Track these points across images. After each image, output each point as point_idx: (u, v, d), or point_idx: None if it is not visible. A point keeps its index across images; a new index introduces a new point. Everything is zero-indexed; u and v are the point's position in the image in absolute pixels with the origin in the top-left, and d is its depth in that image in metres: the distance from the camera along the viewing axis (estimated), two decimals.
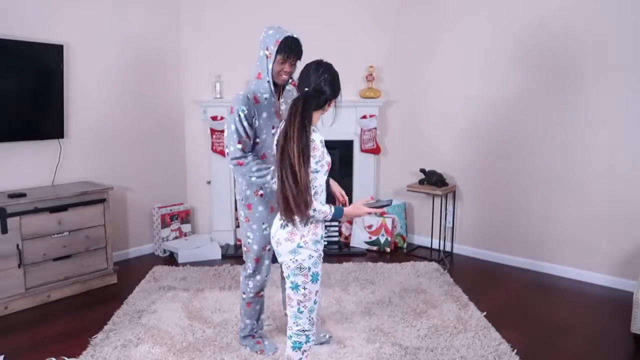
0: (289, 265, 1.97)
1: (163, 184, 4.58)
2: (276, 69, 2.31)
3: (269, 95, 2.37)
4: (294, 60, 2.33)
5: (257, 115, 2.35)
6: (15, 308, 3.25)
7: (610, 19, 3.51)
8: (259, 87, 2.36)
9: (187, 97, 4.63)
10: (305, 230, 1.95)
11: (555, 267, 3.95)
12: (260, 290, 2.66)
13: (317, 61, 2.00)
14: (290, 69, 2.34)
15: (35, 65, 3.50)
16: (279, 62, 2.30)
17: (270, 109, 2.38)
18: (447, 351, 2.71)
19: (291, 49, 2.27)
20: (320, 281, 2.01)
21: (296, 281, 1.96)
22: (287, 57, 2.28)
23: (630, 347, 2.81)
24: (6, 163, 3.51)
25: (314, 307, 2.01)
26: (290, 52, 2.27)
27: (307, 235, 1.95)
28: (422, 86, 4.58)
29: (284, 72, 2.33)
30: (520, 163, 4.06)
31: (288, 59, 2.29)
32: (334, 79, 1.97)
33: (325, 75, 1.93)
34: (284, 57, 2.27)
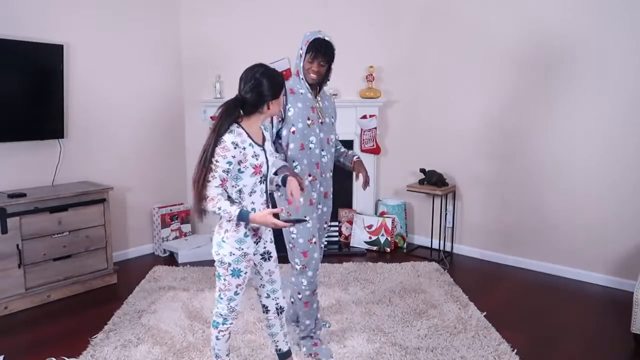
0: (214, 256, 2.12)
1: (163, 184, 4.58)
2: (305, 67, 2.46)
3: (304, 91, 2.51)
4: (322, 61, 2.43)
5: (291, 104, 2.48)
6: (15, 308, 3.25)
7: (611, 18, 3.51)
8: (296, 83, 2.53)
9: (187, 97, 4.64)
10: (229, 226, 2.06)
11: (555, 267, 3.95)
12: (315, 287, 2.61)
13: (250, 67, 2.06)
14: (318, 69, 2.44)
15: (35, 65, 3.49)
16: (308, 61, 2.44)
17: (306, 102, 2.50)
18: (447, 351, 2.71)
19: (317, 50, 2.41)
20: (243, 277, 2.10)
21: (219, 271, 2.12)
22: (314, 57, 2.41)
23: (630, 347, 2.81)
24: (6, 163, 3.51)
25: (234, 297, 2.14)
26: (317, 53, 2.41)
27: (229, 232, 2.06)
28: (422, 86, 4.58)
29: (311, 71, 2.45)
30: (520, 163, 4.06)
31: (315, 59, 2.42)
32: (258, 84, 2.00)
33: (250, 82, 2.02)
34: (312, 56, 2.42)
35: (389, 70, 4.72)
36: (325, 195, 2.65)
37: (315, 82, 2.50)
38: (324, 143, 2.57)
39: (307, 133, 2.50)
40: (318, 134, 2.53)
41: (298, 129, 2.48)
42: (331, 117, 2.63)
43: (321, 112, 2.56)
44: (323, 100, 2.60)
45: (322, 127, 2.56)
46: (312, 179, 2.54)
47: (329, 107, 2.63)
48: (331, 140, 2.61)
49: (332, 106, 2.68)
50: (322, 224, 2.70)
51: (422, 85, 4.59)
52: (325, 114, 2.58)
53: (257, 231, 2.11)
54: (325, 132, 2.57)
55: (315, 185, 2.56)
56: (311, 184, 2.54)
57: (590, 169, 3.72)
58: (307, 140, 2.50)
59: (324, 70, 2.48)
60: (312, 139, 2.51)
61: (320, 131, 2.55)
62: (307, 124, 2.49)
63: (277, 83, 2.04)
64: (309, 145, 2.51)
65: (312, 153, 2.52)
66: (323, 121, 2.55)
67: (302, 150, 2.50)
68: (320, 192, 2.60)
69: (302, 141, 2.50)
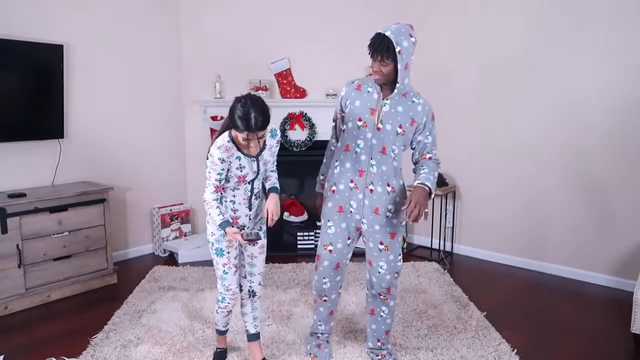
0: None
1: (163, 184, 4.58)
2: (371, 66, 2.23)
3: (372, 89, 2.28)
4: (381, 59, 2.14)
5: (350, 101, 2.31)
6: (15, 308, 3.25)
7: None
8: (368, 81, 2.32)
9: (187, 97, 4.64)
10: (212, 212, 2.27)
11: (555, 267, 3.95)
12: (322, 292, 2.46)
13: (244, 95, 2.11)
14: (378, 68, 2.17)
15: (35, 65, 3.49)
16: (371, 62, 2.20)
17: (366, 103, 2.27)
18: (447, 351, 2.71)
19: (371, 46, 2.16)
20: (227, 256, 2.31)
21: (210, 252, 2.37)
22: (371, 55, 2.18)
23: (630, 347, 2.81)
24: (6, 163, 3.51)
25: (224, 276, 2.34)
26: (373, 51, 2.16)
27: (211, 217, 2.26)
28: (422, 86, 4.57)
29: (373, 71, 2.21)
30: (520, 163, 4.06)
31: (373, 58, 2.17)
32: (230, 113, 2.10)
33: None
34: (370, 55, 2.18)
35: None
36: (376, 212, 2.30)
37: (381, 82, 2.23)
38: (374, 151, 2.27)
39: (356, 135, 2.28)
40: (369, 139, 2.26)
41: (348, 128, 2.31)
42: (397, 126, 2.25)
43: (381, 117, 2.24)
44: (395, 104, 2.25)
45: (377, 133, 2.25)
46: (353, 187, 2.31)
47: (399, 114, 2.25)
48: (389, 151, 2.27)
49: (408, 114, 2.26)
50: (376, 243, 2.34)
51: (422, 85, 4.57)
52: (389, 120, 2.24)
53: (235, 219, 2.31)
54: (381, 140, 2.25)
55: (355, 194, 2.31)
56: (351, 190, 2.32)
57: (590, 169, 3.72)
58: (353, 143, 2.29)
59: (388, 70, 2.17)
60: (359, 143, 2.28)
61: (374, 137, 2.25)
62: (357, 125, 2.27)
63: (232, 117, 2.07)
64: (355, 149, 2.29)
65: (357, 158, 2.30)
66: (380, 127, 2.25)
67: (346, 152, 2.32)
68: (363, 205, 2.31)
69: (348, 142, 2.31)
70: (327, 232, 2.38)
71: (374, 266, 2.38)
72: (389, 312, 2.49)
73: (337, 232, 2.36)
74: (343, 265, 2.42)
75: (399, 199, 2.34)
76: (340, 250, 2.38)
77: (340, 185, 2.34)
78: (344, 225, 2.36)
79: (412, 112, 2.27)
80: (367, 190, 2.30)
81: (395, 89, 2.22)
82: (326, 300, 2.50)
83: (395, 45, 2.10)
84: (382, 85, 2.26)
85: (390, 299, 2.46)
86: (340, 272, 2.44)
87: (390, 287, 2.40)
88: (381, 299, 2.45)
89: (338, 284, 2.47)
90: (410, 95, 2.29)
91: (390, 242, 2.34)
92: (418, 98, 2.31)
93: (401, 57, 2.13)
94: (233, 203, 2.29)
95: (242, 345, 2.76)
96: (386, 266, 2.36)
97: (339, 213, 2.35)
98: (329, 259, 2.39)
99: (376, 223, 2.32)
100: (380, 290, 2.41)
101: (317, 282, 2.45)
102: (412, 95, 2.30)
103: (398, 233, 2.37)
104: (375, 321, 2.52)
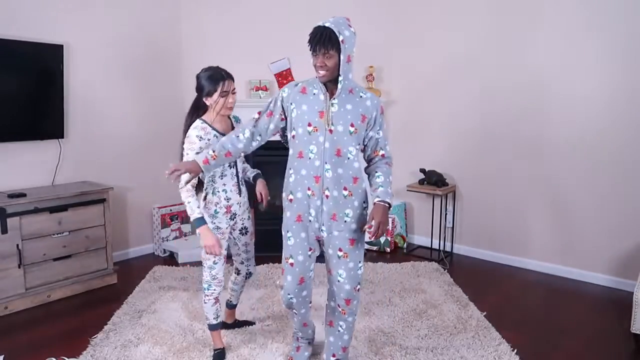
0: None
1: (163, 184, 4.54)
2: (313, 63, 2.10)
3: (317, 91, 2.16)
4: (324, 50, 2.03)
5: (296, 106, 2.18)
6: (15, 308, 3.25)
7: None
8: (312, 82, 2.20)
9: (187, 97, 4.62)
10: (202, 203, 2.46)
11: (555, 267, 3.95)
12: (290, 305, 2.32)
13: None
14: (322, 62, 2.05)
15: (35, 65, 3.49)
16: (313, 57, 2.09)
17: (314, 106, 2.15)
18: (447, 351, 2.71)
19: (312, 41, 2.06)
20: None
21: None
22: (313, 49, 2.06)
23: (630, 347, 2.81)
24: (6, 163, 3.51)
25: (214, 266, 2.49)
26: (312, 44, 2.06)
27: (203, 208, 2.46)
28: (422, 86, 4.58)
29: (317, 67, 2.08)
30: (520, 163, 4.06)
31: (316, 52, 2.05)
32: (197, 84, 2.47)
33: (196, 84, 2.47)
34: (311, 49, 2.08)
35: (389, 70, 4.72)
36: (333, 218, 2.19)
37: (326, 79, 2.10)
38: (328, 154, 2.14)
39: (308, 140, 2.15)
40: (322, 143, 2.13)
41: (297, 135, 2.18)
42: (349, 125, 2.14)
43: (331, 118, 2.13)
44: (343, 103, 2.14)
45: (330, 135, 2.13)
46: (310, 194, 2.18)
47: (349, 113, 2.14)
48: (345, 153, 2.15)
49: (358, 111, 2.16)
50: (335, 250, 2.22)
51: (422, 85, 4.59)
52: (340, 121, 2.13)
53: (229, 208, 2.48)
54: (334, 142, 2.13)
55: (314, 202, 2.18)
56: (309, 198, 2.19)
57: (590, 169, 3.72)
58: (306, 149, 2.16)
59: (333, 63, 2.05)
60: (312, 148, 2.15)
61: (326, 140, 2.13)
62: (307, 131, 2.15)
63: (200, 81, 2.42)
64: (309, 155, 2.15)
65: (311, 164, 2.16)
66: (332, 129, 2.13)
67: (299, 159, 2.19)
68: (321, 211, 2.19)
69: (300, 148, 2.18)
70: (287, 243, 2.26)
71: (334, 274, 2.26)
72: (347, 327, 2.36)
73: (297, 243, 2.24)
74: (307, 278, 2.29)
75: (358, 202, 2.22)
76: (302, 262, 2.24)
77: (298, 193, 2.21)
78: (304, 235, 2.24)
79: (361, 108, 2.17)
80: (324, 196, 2.17)
81: (340, 85, 2.10)
82: (296, 313, 2.37)
83: (338, 34, 2.02)
84: (327, 85, 2.15)
85: (349, 315, 2.31)
86: (305, 287, 2.30)
87: (349, 299, 2.25)
88: (339, 312, 2.31)
89: (305, 299, 2.33)
90: (357, 91, 2.19)
91: (350, 248, 2.22)
92: (365, 92, 2.21)
93: (344, 47, 2.04)
94: (225, 192, 2.46)
95: (242, 345, 2.76)
96: (345, 274, 2.22)
97: (297, 222, 2.22)
98: (292, 273, 2.26)
99: (334, 229, 2.21)
100: (340, 301, 2.27)
101: (283, 296, 2.32)
102: (359, 90, 2.20)
103: (358, 240, 2.25)
104: (332, 334, 2.41)
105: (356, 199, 2.22)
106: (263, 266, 4.02)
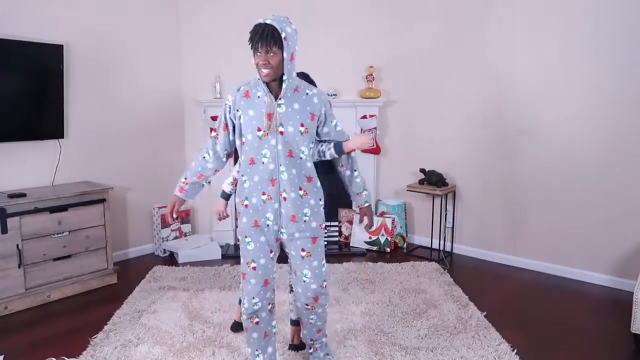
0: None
1: (163, 184, 4.58)
2: (255, 62, 2.03)
3: (262, 94, 2.10)
4: (267, 50, 1.97)
5: (242, 112, 2.12)
6: (15, 308, 3.25)
7: None
8: (255, 85, 2.13)
9: (187, 97, 4.64)
10: None
11: (555, 267, 3.95)
12: (252, 314, 2.26)
13: None
14: (265, 61, 1.98)
15: (35, 65, 3.49)
16: (255, 55, 2.01)
17: (260, 109, 2.09)
18: (447, 351, 2.71)
19: (253, 38, 1.99)
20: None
21: None
22: (256, 47, 1.99)
23: (630, 347, 2.81)
24: (6, 163, 3.51)
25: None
26: (254, 41, 1.98)
27: None
28: (422, 86, 4.58)
29: (260, 65, 2.00)
30: (520, 163, 4.06)
31: (258, 49, 1.98)
32: None
33: None
34: (253, 47, 2.00)
35: (388, 70, 4.72)
36: (292, 219, 2.16)
37: (270, 78, 2.02)
38: (281, 156, 2.10)
39: (259, 145, 2.10)
40: (274, 145, 2.09)
41: (247, 141, 2.12)
42: (299, 125, 2.11)
43: (280, 120, 2.09)
44: (290, 102, 2.10)
45: (281, 137, 2.09)
46: (266, 198, 2.14)
47: (297, 112, 2.11)
48: (297, 153, 2.13)
49: (306, 109, 2.13)
50: (298, 251, 2.21)
51: (422, 86, 4.59)
52: (289, 121, 2.09)
53: None
54: (286, 144, 2.10)
55: (271, 205, 2.15)
56: (265, 203, 2.15)
57: (590, 169, 3.72)
58: (258, 154, 2.11)
59: (277, 61, 1.99)
60: (264, 152, 2.10)
61: (278, 143, 2.09)
62: (257, 136, 2.09)
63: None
64: (261, 160, 2.11)
65: (265, 168, 2.12)
66: (282, 131, 2.09)
67: (252, 165, 2.13)
68: (280, 214, 2.17)
69: (252, 154, 2.12)
70: (247, 248, 2.21)
71: (298, 275, 2.25)
72: (318, 318, 2.37)
73: (257, 247, 2.20)
74: (271, 280, 2.26)
75: (314, 201, 2.21)
76: (265, 265, 2.21)
77: (253, 199, 2.16)
78: (263, 239, 2.20)
79: (309, 106, 2.14)
80: (282, 199, 2.15)
81: (284, 84, 2.05)
82: (258, 322, 2.28)
83: (280, 31, 1.98)
84: (271, 85, 2.09)
85: (318, 307, 2.31)
86: (269, 288, 2.26)
87: (317, 296, 2.26)
88: (308, 309, 2.31)
89: (268, 300, 2.28)
90: (302, 89, 2.15)
91: (312, 247, 2.22)
92: (311, 89, 2.18)
93: (287, 44, 1.99)
94: None
95: (242, 345, 2.76)
96: (310, 274, 2.22)
97: (255, 228, 2.18)
98: (255, 276, 2.21)
99: (295, 230, 2.18)
100: (307, 300, 2.26)
101: (247, 302, 2.24)
102: (304, 87, 2.17)
103: (319, 237, 2.24)
104: (305, 327, 2.43)
105: (312, 198, 2.20)
106: None
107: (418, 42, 4.56)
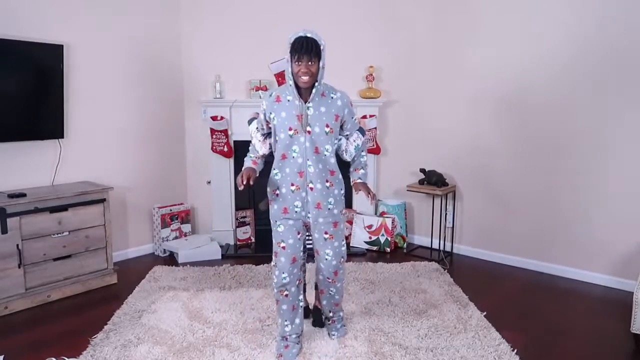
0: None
1: (163, 184, 4.58)
2: (294, 70, 2.35)
3: (292, 98, 2.43)
4: (309, 60, 2.31)
5: (275, 114, 2.47)
6: (15, 308, 3.25)
7: None
8: (285, 89, 2.48)
9: (187, 97, 4.64)
10: None
11: (555, 267, 3.95)
12: (282, 287, 2.59)
13: None
14: (307, 69, 2.31)
15: (35, 65, 3.49)
16: (296, 64, 2.33)
17: (291, 111, 2.43)
18: (447, 351, 2.71)
19: (298, 50, 2.29)
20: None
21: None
22: (299, 57, 2.30)
23: (630, 347, 2.81)
24: (6, 163, 3.51)
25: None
26: (299, 53, 2.29)
27: None
28: (422, 86, 4.59)
29: (301, 73, 2.33)
30: (520, 163, 4.06)
31: (300, 60, 2.31)
32: None
33: None
34: (296, 57, 2.31)
35: (389, 70, 4.72)
36: (318, 207, 2.54)
37: (309, 84, 2.36)
38: (309, 152, 2.47)
39: (290, 143, 2.47)
40: (303, 142, 2.46)
41: (280, 139, 2.49)
42: (324, 126, 2.46)
43: (308, 121, 2.43)
44: (318, 106, 2.45)
45: (309, 136, 2.45)
46: (295, 189, 2.52)
47: (324, 115, 2.46)
48: (322, 151, 2.49)
49: (332, 112, 2.48)
50: (321, 234, 2.59)
51: (422, 85, 4.59)
52: (316, 123, 2.44)
53: None
54: (313, 142, 2.46)
55: (299, 194, 2.53)
56: (294, 192, 2.52)
57: (589, 168, 3.72)
58: (289, 150, 2.48)
59: (315, 70, 2.35)
60: (295, 148, 2.47)
61: (306, 140, 2.46)
62: (289, 135, 2.45)
63: None
64: (292, 155, 2.48)
65: (294, 162, 2.49)
66: (310, 130, 2.44)
67: (283, 160, 2.51)
68: (307, 202, 2.54)
69: (283, 151, 2.49)
70: (277, 230, 2.59)
71: (321, 254, 2.62)
72: (337, 291, 2.75)
73: (287, 229, 2.57)
74: (299, 258, 2.62)
75: (337, 191, 2.59)
76: (293, 245, 2.58)
77: (283, 189, 2.54)
78: (291, 222, 2.57)
79: (334, 108, 2.49)
80: (308, 189, 2.52)
81: (314, 90, 2.39)
82: (287, 294, 2.61)
83: (319, 43, 2.33)
84: (301, 90, 2.42)
85: (337, 281, 2.70)
86: (297, 265, 2.60)
87: (337, 270, 2.65)
88: (329, 282, 2.69)
89: (296, 276, 2.62)
90: (327, 93, 2.49)
91: (334, 230, 2.60)
92: (334, 92, 2.52)
93: (323, 54, 2.35)
94: None
95: (242, 345, 2.76)
96: (332, 252, 2.61)
97: (284, 214, 2.56)
98: (284, 254, 2.57)
99: (320, 216, 2.56)
100: (328, 274, 2.65)
101: (277, 277, 2.59)
102: (329, 92, 2.50)
103: (340, 222, 2.62)
104: (325, 298, 2.79)
105: (336, 188, 2.59)
106: (263, 266, 4.03)
107: (418, 42, 4.56)
